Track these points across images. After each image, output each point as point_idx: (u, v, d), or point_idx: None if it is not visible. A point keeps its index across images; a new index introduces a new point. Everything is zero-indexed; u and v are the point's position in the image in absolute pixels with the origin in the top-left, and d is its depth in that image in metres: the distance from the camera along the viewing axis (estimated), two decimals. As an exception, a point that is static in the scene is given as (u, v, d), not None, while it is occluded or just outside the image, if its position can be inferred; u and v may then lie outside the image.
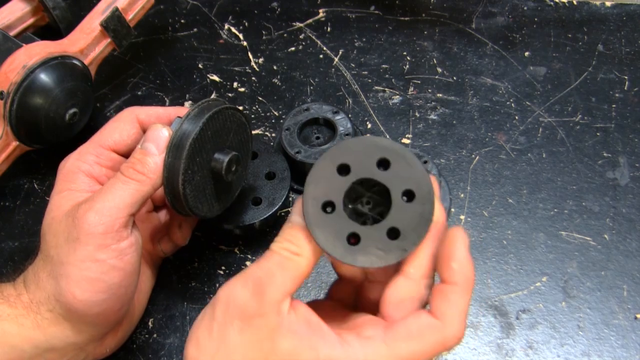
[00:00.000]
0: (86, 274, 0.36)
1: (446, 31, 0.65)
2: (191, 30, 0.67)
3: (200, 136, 0.39)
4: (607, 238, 0.49)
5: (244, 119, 0.43)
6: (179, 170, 0.38)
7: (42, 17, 0.59)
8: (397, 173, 0.33)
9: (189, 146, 0.38)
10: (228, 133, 0.42)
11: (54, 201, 0.39)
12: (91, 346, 0.40)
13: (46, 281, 0.37)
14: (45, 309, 0.37)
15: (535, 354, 0.44)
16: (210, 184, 0.42)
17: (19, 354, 0.37)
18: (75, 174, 0.40)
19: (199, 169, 0.40)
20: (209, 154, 0.41)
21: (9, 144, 0.51)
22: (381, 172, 0.33)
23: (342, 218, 0.32)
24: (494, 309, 0.46)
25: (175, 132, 0.39)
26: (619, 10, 0.65)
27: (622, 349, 0.44)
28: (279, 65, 0.63)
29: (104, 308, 0.38)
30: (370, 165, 0.33)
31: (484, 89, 0.60)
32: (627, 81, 0.59)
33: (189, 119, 0.39)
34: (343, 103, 0.60)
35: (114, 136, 0.41)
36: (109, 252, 0.37)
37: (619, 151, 0.54)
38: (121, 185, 0.37)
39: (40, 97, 0.50)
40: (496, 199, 0.52)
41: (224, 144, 0.42)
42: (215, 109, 0.39)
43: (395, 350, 0.30)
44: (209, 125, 0.39)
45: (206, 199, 0.42)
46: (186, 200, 0.39)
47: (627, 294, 0.47)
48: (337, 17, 0.67)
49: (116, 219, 0.37)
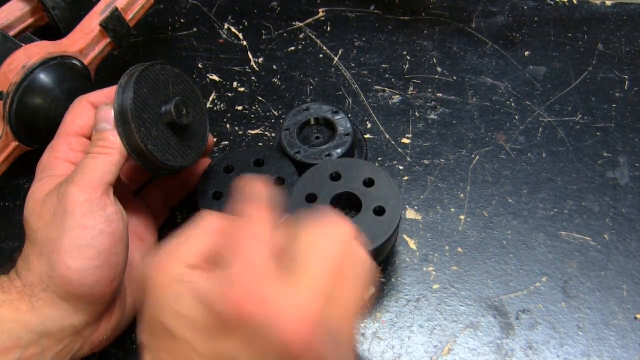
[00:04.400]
0: (76, 242, 0.38)
1: (446, 31, 0.65)
2: (191, 30, 0.67)
3: (137, 97, 0.41)
4: (607, 238, 0.49)
5: (177, 70, 0.46)
6: (133, 133, 0.41)
7: (42, 17, 0.59)
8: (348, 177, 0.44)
9: (130, 108, 0.41)
10: (167, 86, 0.45)
11: (35, 188, 0.41)
12: (87, 331, 0.40)
13: (37, 263, 0.38)
14: (40, 290, 0.38)
15: (535, 354, 0.44)
16: (172, 135, 0.44)
17: (16, 342, 0.37)
18: (53, 162, 0.42)
19: (152, 125, 0.43)
20: (157, 109, 0.43)
21: (9, 144, 0.51)
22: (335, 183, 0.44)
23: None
24: (494, 309, 0.46)
25: (115, 103, 0.42)
26: (619, 9, 0.65)
27: (622, 350, 0.44)
28: (279, 65, 0.63)
29: (97, 277, 0.38)
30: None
31: (484, 88, 0.60)
32: (627, 81, 0.59)
33: (121, 87, 0.42)
34: (343, 103, 0.60)
35: (77, 122, 0.44)
36: (96, 218, 0.38)
37: (619, 151, 0.54)
38: (92, 161, 0.40)
39: (40, 98, 0.50)
40: (496, 199, 0.52)
41: (168, 97, 0.44)
42: (140, 70, 0.42)
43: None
44: (141, 85, 0.42)
45: (175, 150, 0.44)
46: (154, 156, 0.42)
47: (627, 294, 0.47)
48: (337, 17, 0.67)
49: (97, 187, 0.39)
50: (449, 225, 0.51)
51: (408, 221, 0.51)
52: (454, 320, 0.46)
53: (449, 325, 0.46)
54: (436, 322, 0.46)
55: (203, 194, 0.49)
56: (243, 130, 0.58)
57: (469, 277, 0.48)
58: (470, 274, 0.48)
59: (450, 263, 0.49)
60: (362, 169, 0.44)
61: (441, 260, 0.49)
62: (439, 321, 0.46)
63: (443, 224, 0.51)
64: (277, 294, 0.29)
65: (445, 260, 0.49)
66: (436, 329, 0.46)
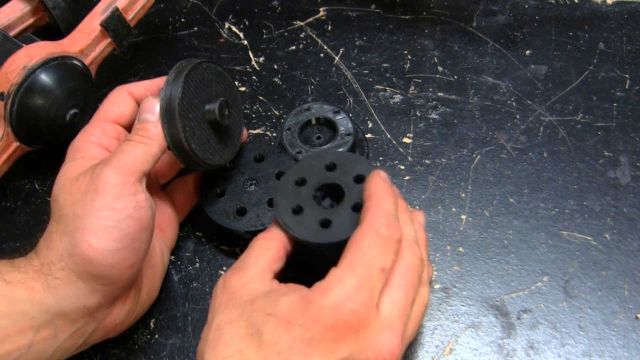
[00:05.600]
0: (103, 222, 0.38)
1: (447, 30, 0.65)
2: (191, 30, 0.67)
3: (184, 95, 0.42)
4: (608, 238, 0.49)
5: (219, 68, 0.47)
6: (178, 131, 0.42)
7: (42, 17, 0.58)
8: (343, 169, 0.44)
9: (178, 107, 0.42)
10: (210, 84, 0.46)
11: (67, 167, 0.42)
12: (101, 314, 0.41)
13: (59, 239, 0.38)
14: (57, 268, 0.38)
15: (536, 354, 0.44)
16: (212, 134, 0.46)
17: (29, 322, 0.37)
18: (86, 145, 0.43)
19: (196, 124, 0.44)
20: (200, 108, 0.44)
21: (10, 144, 0.51)
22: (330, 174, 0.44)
23: (311, 213, 0.42)
24: (495, 309, 0.46)
25: (162, 99, 0.42)
26: (620, 8, 0.65)
27: (623, 349, 0.44)
28: (280, 64, 0.63)
29: (117, 259, 0.38)
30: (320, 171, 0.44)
31: (484, 87, 0.60)
32: (628, 80, 0.59)
33: (169, 84, 0.43)
34: (344, 102, 0.59)
35: (114, 110, 0.45)
36: (126, 202, 0.39)
37: (620, 150, 0.54)
38: (131, 147, 0.41)
39: (41, 98, 0.50)
40: (497, 198, 0.52)
41: (211, 95, 0.46)
42: (188, 68, 0.43)
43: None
44: (188, 84, 0.43)
45: (214, 148, 0.46)
46: (195, 155, 0.43)
47: (628, 293, 0.47)
48: (338, 16, 0.67)
49: (131, 173, 0.40)
50: (450, 224, 0.51)
51: (409, 221, 0.51)
52: (455, 320, 0.46)
53: (450, 325, 0.46)
54: (437, 321, 0.46)
55: (206, 193, 0.49)
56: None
57: (470, 277, 0.48)
58: (471, 274, 0.48)
59: (452, 263, 0.49)
60: (358, 165, 0.44)
61: (442, 260, 0.49)
62: (440, 321, 0.46)
63: (444, 224, 0.51)
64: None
65: (447, 260, 0.49)
66: (437, 329, 0.46)
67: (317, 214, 0.42)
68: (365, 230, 0.37)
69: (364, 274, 0.35)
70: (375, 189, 0.39)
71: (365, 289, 0.35)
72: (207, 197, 0.49)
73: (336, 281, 0.35)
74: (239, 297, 0.37)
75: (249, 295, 0.36)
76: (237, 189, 0.49)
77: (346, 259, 0.36)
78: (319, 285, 0.35)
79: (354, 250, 0.36)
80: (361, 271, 0.35)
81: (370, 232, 0.37)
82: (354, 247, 0.36)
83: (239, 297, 0.37)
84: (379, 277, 0.35)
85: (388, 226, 0.37)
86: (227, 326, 0.35)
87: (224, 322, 0.36)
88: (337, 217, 0.41)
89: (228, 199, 0.49)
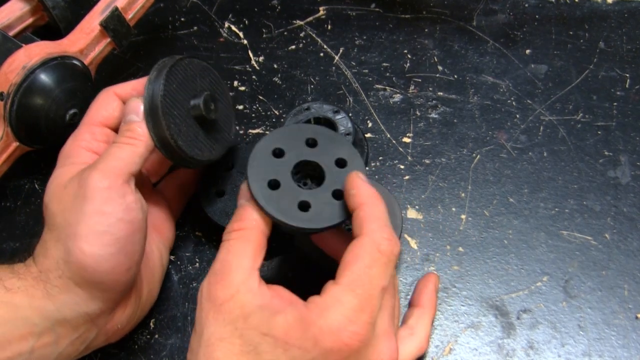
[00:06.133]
0: (94, 227, 0.38)
1: (447, 29, 0.65)
2: (191, 29, 0.67)
3: (166, 92, 0.42)
4: (608, 237, 0.49)
5: (204, 63, 0.46)
6: (163, 129, 0.41)
7: (42, 16, 0.58)
8: (324, 148, 0.41)
9: (160, 104, 0.41)
10: (194, 80, 0.45)
11: (57, 174, 0.41)
12: (102, 319, 0.40)
13: (54, 248, 0.38)
14: (55, 276, 0.38)
15: (536, 354, 0.44)
16: (200, 130, 0.45)
17: (30, 328, 0.37)
18: (75, 150, 0.43)
19: (182, 120, 0.43)
20: (185, 104, 0.44)
21: (10, 144, 0.51)
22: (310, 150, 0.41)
23: (289, 191, 0.39)
24: (495, 309, 0.46)
25: (144, 98, 0.42)
26: (620, 7, 0.65)
27: (623, 349, 0.44)
28: (280, 63, 0.63)
29: (112, 264, 0.38)
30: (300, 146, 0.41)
31: (484, 87, 0.60)
32: (628, 79, 0.59)
33: (151, 82, 0.42)
34: (344, 102, 0.59)
35: (102, 113, 0.44)
36: (115, 205, 0.38)
37: (620, 150, 0.54)
38: (118, 149, 0.41)
39: (41, 98, 0.50)
40: (497, 198, 0.52)
41: (196, 90, 0.45)
42: (170, 65, 0.43)
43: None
44: (170, 80, 0.42)
45: (202, 144, 0.45)
46: (183, 152, 0.42)
47: (628, 293, 0.47)
48: (338, 15, 0.67)
49: (119, 176, 0.39)
50: (449, 224, 0.51)
51: (409, 220, 0.51)
52: (455, 320, 0.46)
53: (450, 325, 0.46)
54: (437, 321, 0.46)
55: (205, 193, 0.49)
56: (244, 129, 0.58)
57: (470, 277, 0.48)
58: (471, 274, 0.48)
59: (451, 263, 0.49)
60: (340, 147, 0.41)
61: (442, 259, 0.49)
62: (440, 321, 0.46)
63: (444, 224, 0.51)
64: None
65: (446, 259, 0.49)
66: (437, 329, 0.46)
67: (296, 194, 0.39)
68: (365, 246, 0.35)
69: (365, 295, 0.34)
70: (364, 196, 0.37)
71: (367, 310, 0.34)
72: (207, 197, 0.49)
73: (335, 301, 0.34)
74: (228, 311, 0.35)
75: (240, 310, 0.34)
76: (237, 189, 0.49)
77: (345, 276, 0.35)
78: (316, 303, 0.35)
79: (354, 269, 0.35)
80: (362, 292, 0.34)
81: (371, 249, 0.35)
82: (352, 263, 0.35)
83: (228, 312, 0.34)
84: (379, 296, 0.35)
85: (389, 241, 0.36)
86: (219, 342, 0.34)
87: (214, 337, 0.34)
88: (317, 201, 0.38)
89: (228, 199, 0.49)
